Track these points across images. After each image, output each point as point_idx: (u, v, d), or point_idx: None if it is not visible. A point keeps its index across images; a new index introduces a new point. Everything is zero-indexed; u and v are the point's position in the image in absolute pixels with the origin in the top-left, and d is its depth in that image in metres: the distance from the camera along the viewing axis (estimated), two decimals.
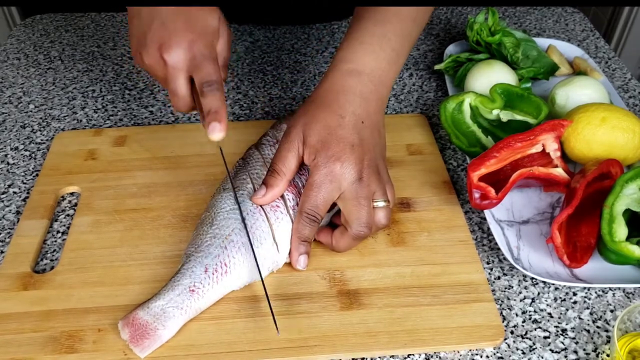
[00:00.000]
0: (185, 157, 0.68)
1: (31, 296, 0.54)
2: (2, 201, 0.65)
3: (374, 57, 0.57)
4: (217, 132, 0.52)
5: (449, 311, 0.52)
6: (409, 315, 0.52)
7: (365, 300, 0.53)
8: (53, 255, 0.58)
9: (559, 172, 0.61)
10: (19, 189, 0.66)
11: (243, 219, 0.54)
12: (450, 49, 0.84)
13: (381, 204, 0.55)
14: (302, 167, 0.57)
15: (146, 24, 0.55)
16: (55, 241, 0.60)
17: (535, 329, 0.52)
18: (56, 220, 0.62)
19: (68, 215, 0.63)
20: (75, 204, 0.64)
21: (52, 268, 0.57)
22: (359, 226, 0.53)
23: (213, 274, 0.52)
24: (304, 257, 0.54)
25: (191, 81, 0.55)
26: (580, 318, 0.53)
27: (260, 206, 0.55)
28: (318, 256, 0.57)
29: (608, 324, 0.53)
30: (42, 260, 0.58)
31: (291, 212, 0.55)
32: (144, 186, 0.64)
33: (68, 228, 0.61)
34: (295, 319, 0.52)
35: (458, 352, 0.50)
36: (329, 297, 0.53)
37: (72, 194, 0.65)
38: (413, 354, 0.50)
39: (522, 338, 0.52)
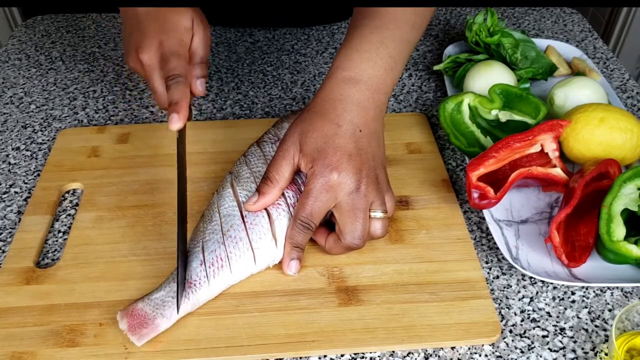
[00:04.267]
0: (187, 154, 0.68)
1: (33, 290, 0.54)
2: (4, 201, 0.65)
3: (371, 65, 0.57)
4: (174, 122, 0.55)
5: (447, 308, 0.52)
6: (407, 311, 0.52)
7: (363, 297, 0.53)
8: (54, 255, 0.59)
9: (558, 172, 0.62)
10: (21, 188, 0.66)
11: (242, 215, 0.55)
12: (449, 49, 0.85)
13: (379, 214, 0.54)
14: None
15: (129, 32, 0.60)
16: (57, 241, 0.60)
17: (533, 328, 0.53)
18: (57, 220, 0.62)
19: (69, 215, 0.63)
20: (77, 204, 0.64)
21: (54, 262, 0.57)
22: (352, 239, 0.53)
23: (209, 267, 0.52)
24: (295, 262, 0.55)
25: None
26: (578, 317, 0.54)
27: None
28: (317, 253, 0.57)
29: (606, 323, 0.53)
30: (43, 259, 0.58)
31: (291, 209, 0.56)
32: (146, 183, 0.65)
33: (69, 227, 0.61)
34: (294, 315, 0.52)
35: (457, 351, 0.51)
36: (327, 293, 0.54)
37: (73, 193, 0.65)
38: (412, 353, 0.51)
39: (521, 337, 0.52)
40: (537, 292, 0.56)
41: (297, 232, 0.54)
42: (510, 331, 0.52)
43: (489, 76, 0.73)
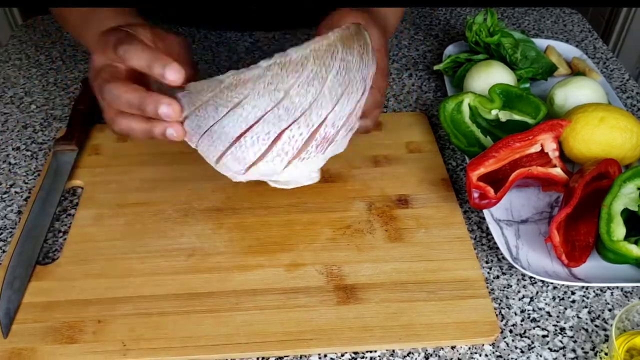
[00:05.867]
0: (187, 153, 0.67)
1: (33, 287, 0.54)
2: (4, 201, 0.65)
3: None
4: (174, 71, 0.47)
5: (445, 307, 0.52)
6: (405, 310, 0.52)
7: (361, 295, 0.53)
8: (54, 255, 0.59)
9: (558, 171, 0.62)
10: (21, 188, 0.66)
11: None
12: (450, 49, 0.85)
13: None
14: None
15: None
16: (57, 240, 0.60)
17: (533, 328, 0.52)
18: (58, 220, 0.62)
19: (69, 214, 0.63)
20: (77, 204, 0.64)
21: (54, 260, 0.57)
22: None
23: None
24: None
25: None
26: (578, 317, 0.53)
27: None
28: (316, 251, 0.57)
29: (606, 322, 0.53)
30: (43, 260, 0.58)
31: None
32: (146, 181, 0.65)
33: (69, 227, 0.61)
34: (292, 313, 0.52)
35: (457, 351, 0.51)
36: (326, 291, 0.54)
37: (74, 193, 0.66)
38: (413, 353, 0.51)
39: (521, 337, 0.52)
40: (537, 292, 0.55)
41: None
42: (511, 331, 0.52)
43: (489, 76, 0.73)
